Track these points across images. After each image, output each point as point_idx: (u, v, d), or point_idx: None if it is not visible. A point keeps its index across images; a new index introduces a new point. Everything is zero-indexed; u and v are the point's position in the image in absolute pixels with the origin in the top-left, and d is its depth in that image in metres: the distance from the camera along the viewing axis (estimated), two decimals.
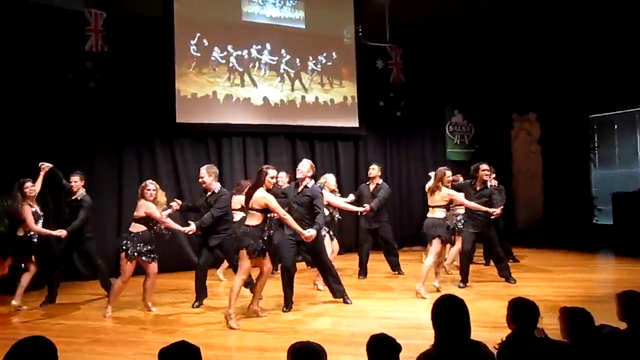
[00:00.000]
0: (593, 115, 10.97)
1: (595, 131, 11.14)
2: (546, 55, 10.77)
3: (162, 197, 6.23)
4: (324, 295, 6.53)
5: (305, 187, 6.16)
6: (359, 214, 7.88)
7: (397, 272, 8.09)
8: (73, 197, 6.87)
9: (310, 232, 5.77)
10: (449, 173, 7.00)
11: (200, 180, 6.48)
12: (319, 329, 5.30)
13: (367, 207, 7.63)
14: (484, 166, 7.20)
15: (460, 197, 6.70)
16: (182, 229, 6.17)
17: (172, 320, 5.85)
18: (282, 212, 5.64)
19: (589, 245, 9.78)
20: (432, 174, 7.10)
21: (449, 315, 2.58)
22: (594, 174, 11.12)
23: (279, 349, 4.57)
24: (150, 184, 6.20)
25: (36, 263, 6.49)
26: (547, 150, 11.29)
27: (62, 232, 6.46)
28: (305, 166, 6.23)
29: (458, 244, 7.52)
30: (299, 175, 6.21)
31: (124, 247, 5.96)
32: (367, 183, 8.12)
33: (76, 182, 6.86)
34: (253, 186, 5.64)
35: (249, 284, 6.11)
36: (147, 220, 6.05)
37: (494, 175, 8.23)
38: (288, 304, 6.04)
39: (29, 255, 6.43)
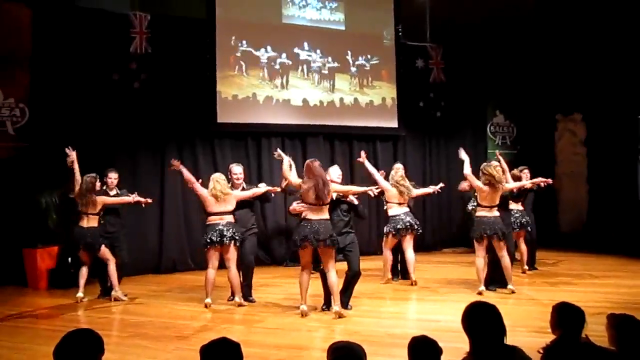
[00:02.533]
0: None
1: None
2: (592, 53, 10.46)
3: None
4: (362, 295, 6.49)
5: None
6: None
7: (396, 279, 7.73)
8: (111, 194, 7.05)
9: None
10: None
11: (237, 177, 6.60)
12: (357, 330, 5.29)
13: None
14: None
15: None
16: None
17: (214, 317, 5.95)
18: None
19: (636, 250, 9.44)
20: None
21: (481, 321, 2.52)
22: None
23: (317, 348, 4.60)
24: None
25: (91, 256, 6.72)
26: (592, 151, 10.97)
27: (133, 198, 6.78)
28: (337, 172, 6.22)
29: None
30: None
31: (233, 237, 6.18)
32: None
33: (116, 178, 7.05)
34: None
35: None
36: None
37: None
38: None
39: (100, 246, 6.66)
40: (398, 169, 7.60)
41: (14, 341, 5.10)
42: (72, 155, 6.67)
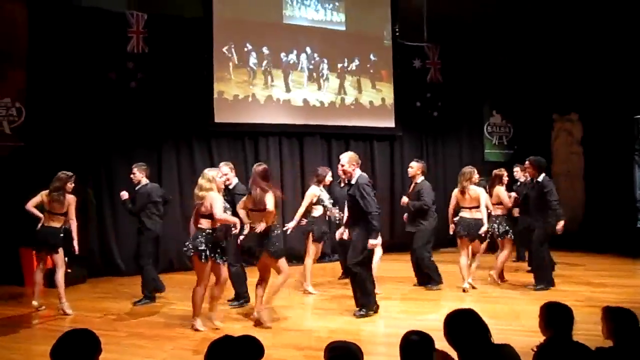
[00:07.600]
0: (638, 116, 10.63)
1: None
2: (588, 53, 10.47)
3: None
4: None
5: (349, 182, 5.75)
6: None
7: (431, 286, 7.27)
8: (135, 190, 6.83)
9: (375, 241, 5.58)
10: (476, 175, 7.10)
11: (226, 178, 6.11)
12: (354, 329, 5.30)
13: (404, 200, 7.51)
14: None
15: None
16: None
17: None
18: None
19: (632, 250, 9.47)
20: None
21: (463, 329, 2.54)
22: (638, 176, 10.77)
23: (314, 347, 4.60)
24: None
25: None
26: (589, 151, 11.00)
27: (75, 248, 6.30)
28: (345, 159, 5.72)
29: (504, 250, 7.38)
30: (342, 170, 5.78)
31: (196, 248, 5.18)
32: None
33: (134, 174, 6.78)
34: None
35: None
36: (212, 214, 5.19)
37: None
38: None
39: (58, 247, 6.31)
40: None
41: (11, 341, 5.11)
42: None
